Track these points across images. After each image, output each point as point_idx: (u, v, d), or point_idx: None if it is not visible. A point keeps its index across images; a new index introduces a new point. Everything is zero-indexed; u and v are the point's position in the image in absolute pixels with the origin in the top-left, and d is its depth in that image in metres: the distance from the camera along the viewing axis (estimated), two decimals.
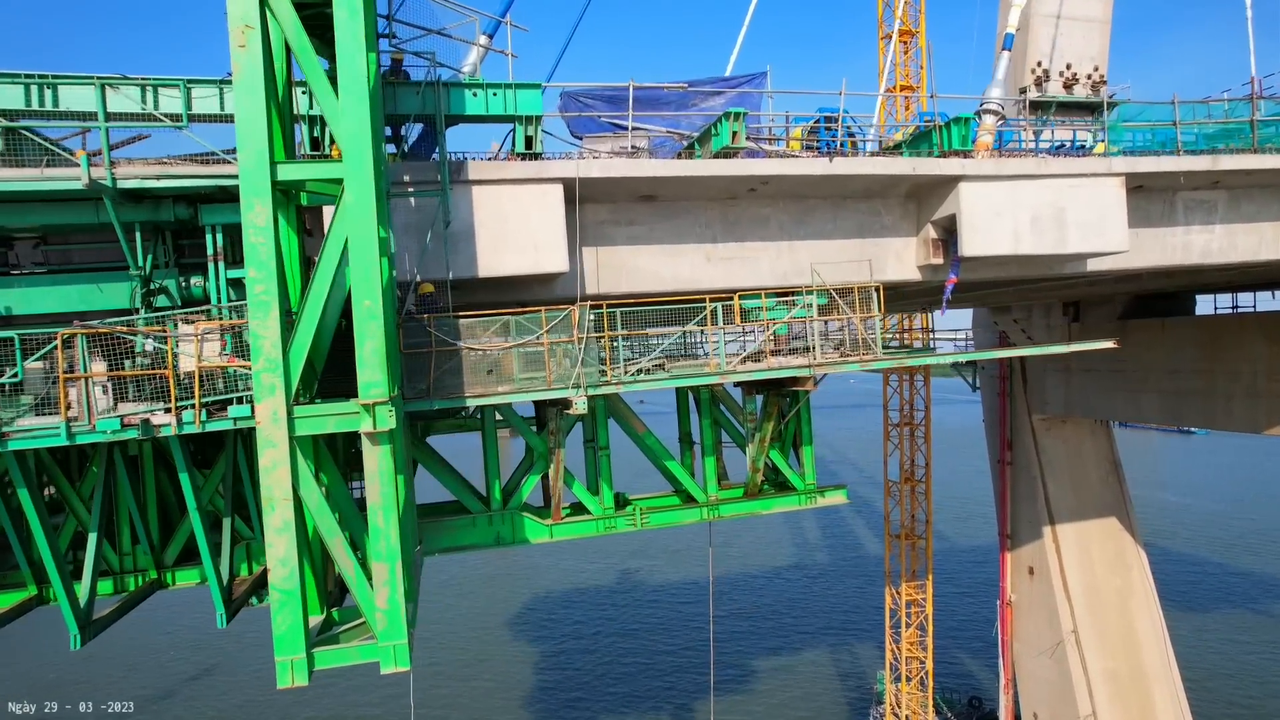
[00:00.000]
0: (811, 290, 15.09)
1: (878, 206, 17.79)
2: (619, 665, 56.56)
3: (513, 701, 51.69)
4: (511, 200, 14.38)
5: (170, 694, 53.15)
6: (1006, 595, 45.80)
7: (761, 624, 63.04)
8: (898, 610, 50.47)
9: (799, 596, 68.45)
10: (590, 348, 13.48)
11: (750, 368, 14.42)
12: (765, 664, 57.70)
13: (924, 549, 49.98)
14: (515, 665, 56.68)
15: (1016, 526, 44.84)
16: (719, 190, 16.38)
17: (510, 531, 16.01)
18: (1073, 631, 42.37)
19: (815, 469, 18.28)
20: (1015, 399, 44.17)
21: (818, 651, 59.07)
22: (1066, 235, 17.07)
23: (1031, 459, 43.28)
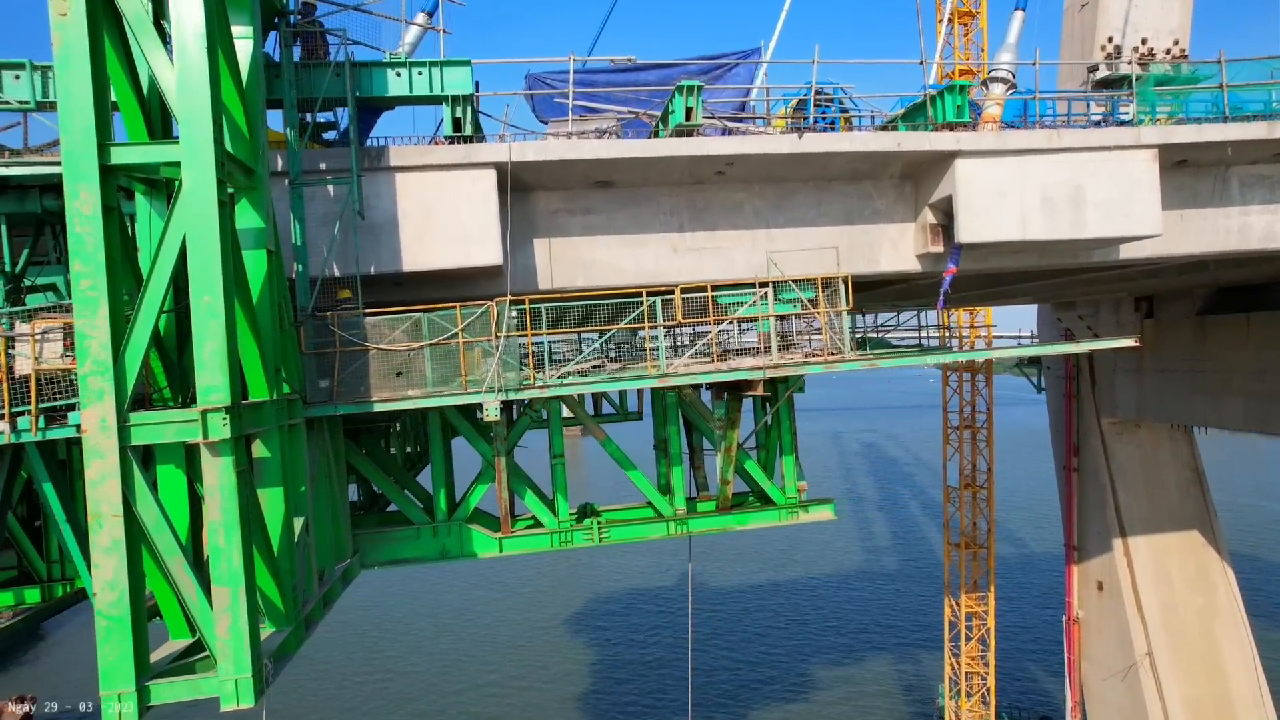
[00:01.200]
0: (767, 283, 13.36)
1: (868, 189, 15.87)
2: (665, 669, 55.11)
3: (554, 704, 50.86)
4: (438, 188, 13.17)
5: None
6: (1073, 611, 42.43)
7: (820, 630, 60.59)
8: (957, 622, 47.45)
9: (859, 603, 65.57)
10: (511, 348, 12.15)
11: (693, 370, 12.83)
12: (824, 673, 55.33)
13: (985, 558, 46.84)
14: (567, 666, 55.87)
15: (1084, 538, 41.48)
16: (682, 174, 14.81)
17: (457, 545, 14.83)
18: (1147, 654, 38.83)
19: (797, 479, 16.46)
20: (1082, 400, 40.86)
21: (877, 661, 56.32)
22: (1085, 218, 14.81)
23: (1100, 465, 39.89)
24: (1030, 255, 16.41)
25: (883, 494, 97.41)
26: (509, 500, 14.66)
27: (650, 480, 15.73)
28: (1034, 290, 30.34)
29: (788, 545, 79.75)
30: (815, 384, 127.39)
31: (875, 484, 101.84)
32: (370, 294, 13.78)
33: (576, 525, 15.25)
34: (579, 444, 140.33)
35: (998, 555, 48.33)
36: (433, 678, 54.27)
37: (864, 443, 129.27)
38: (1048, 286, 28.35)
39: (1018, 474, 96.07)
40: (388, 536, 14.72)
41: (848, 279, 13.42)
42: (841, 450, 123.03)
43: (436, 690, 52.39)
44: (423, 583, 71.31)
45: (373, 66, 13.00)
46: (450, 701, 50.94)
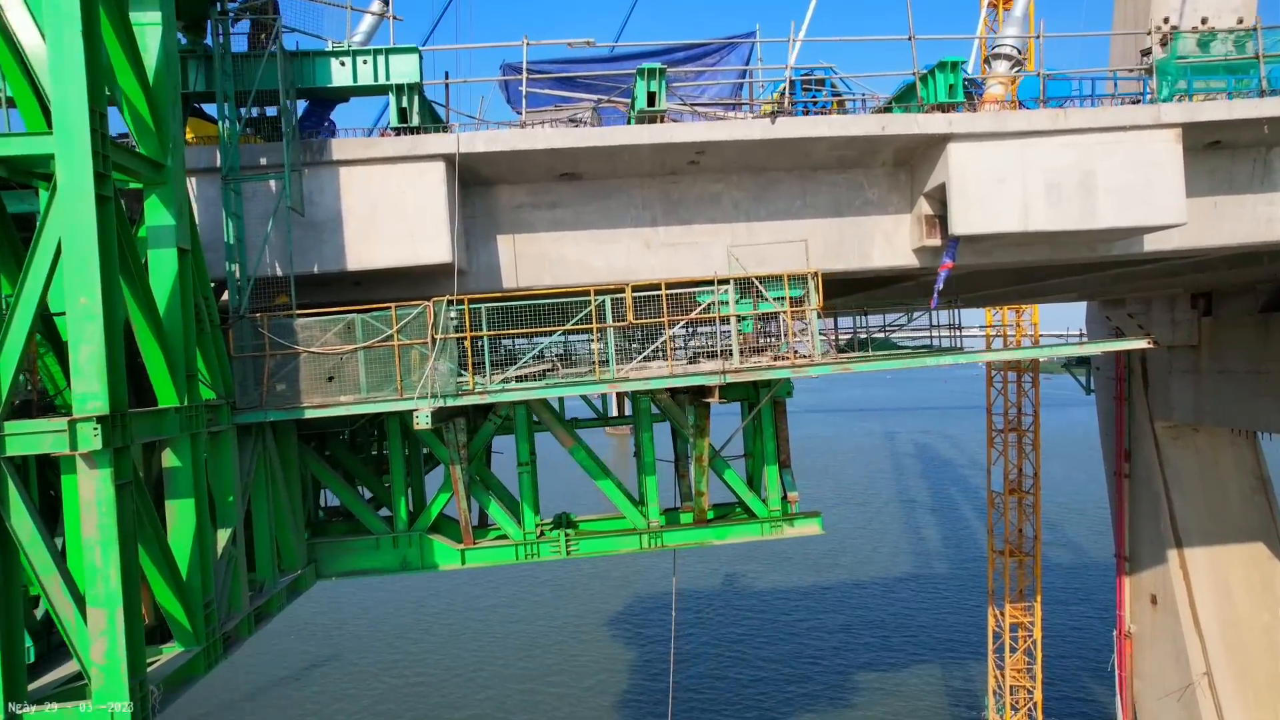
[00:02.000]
0: (728, 280, 12.25)
1: (858, 179, 14.62)
2: (705, 674, 54.00)
3: (593, 706, 50.18)
4: (383, 182, 12.44)
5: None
6: (1125, 625, 40.03)
7: (863, 635, 58.73)
8: (1001, 633, 45.26)
9: (903, 608, 63.38)
10: (448, 351, 11.34)
11: (644, 374, 11.82)
12: (865, 679, 53.56)
13: (1032, 567, 44.56)
14: (610, 670, 55.15)
15: (1136, 548, 39.07)
16: (652, 164, 13.81)
17: (418, 556, 14.11)
18: (1205, 674, 36.35)
19: (788, 490, 15.30)
20: (1134, 403, 38.49)
21: (921, 670, 54.24)
22: (1096, 206, 13.34)
23: (1154, 472, 37.48)
24: (1040, 248, 14.95)
25: (934, 496, 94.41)
26: (469, 510, 13.87)
27: (633, 490, 14.79)
28: (1074, 286, 28.42)
29: (832, 549, 77.76)
30: (865, 385, 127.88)
31: (927, 486, 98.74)
32: (326, 294, 13.16)
33: (543, 537, 14.39)
34: (626, 443, 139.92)
35: (1044, 564, 45.92)
36: (474, 677, 54.15)
37: (917, 444, 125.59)
38: (1088, 282, 26.45)
39: (1065, 479, 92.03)
40: (346, 547, 14.08)
41: (817, 274, 12.24)
42: (894, 452, 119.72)
43: (475, 688, 52.23)
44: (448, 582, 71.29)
45: (315, 56, 12.34)
46: (492, 699, 50.70)
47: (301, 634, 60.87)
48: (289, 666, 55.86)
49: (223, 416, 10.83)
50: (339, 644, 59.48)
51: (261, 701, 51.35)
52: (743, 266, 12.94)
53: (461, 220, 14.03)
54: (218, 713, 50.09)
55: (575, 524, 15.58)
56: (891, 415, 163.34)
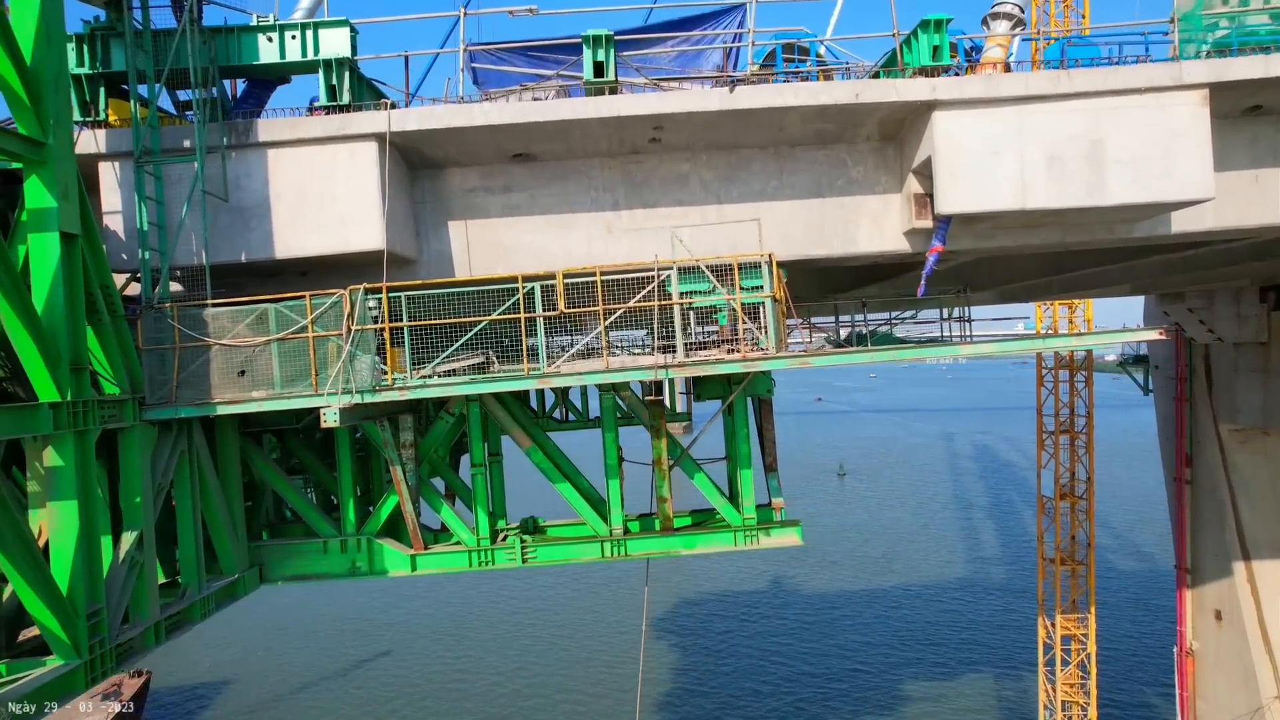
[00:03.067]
0: (672, 265, 11.01)
1: (841, 155, 13.22)
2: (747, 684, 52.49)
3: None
4: (312, 165, 11.60)
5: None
6: (1186, 642, 37.23)
7: (913, 644, 56.37)
8: (1052, 645, 42.66)
9: (956, 615, 60.66)
10: (365, 343, 10.42)
11: (580, 369, 10.69)
12: (912, 688, 51.31)
13: (1085, 576, 41.85)
14: (654, 675, 54.05)
15: (1199, 559, 36.29)
16: (609, 142, 12.68)
17: (367, 561, 13.26)
18: (1277, 698, 33.50)
19: (772, 496, 14.00)
20: (1197, 404, 35.76)
21: (970, 680, 51.66)
22: (1105, 180, 11.69)
23: (1219, 478, 34.73)
24: (1049, 230, 13.31)
25: (991, 499, 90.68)
26: (416, 514, 12.95)
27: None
28: (1118, 277, 26.15)
29: (884, 553, 75.24)
30: (925, 385, 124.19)
31: (984, 489, 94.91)
32: (277, 285, 12.40)
33: (499, 543, 13.40)
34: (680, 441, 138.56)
35: (1099, 573, 43.13)
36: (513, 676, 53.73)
37: (976, 445, 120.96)
38: (1133, 271, 24.28)
39: (1121, 484, 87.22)
40: (294, 550, 13.32)
41: (771, 258, 10.92)
42: (951, 453, 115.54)
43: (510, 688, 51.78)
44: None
45: (240, 31, 11.57)
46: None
47: (350, 631, 61.41)
48: (336, 663, 56.27)
49: (127, 413, 10.12)
50: (390, 641, 59.62)
51: (308, 699, 51.72)
52: (688, 250, 11.70)
53: (410, 206, 13.16)
54: (266, 706, 50.73)
55: (542, 529, 14.58)
56: (949, 416, 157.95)
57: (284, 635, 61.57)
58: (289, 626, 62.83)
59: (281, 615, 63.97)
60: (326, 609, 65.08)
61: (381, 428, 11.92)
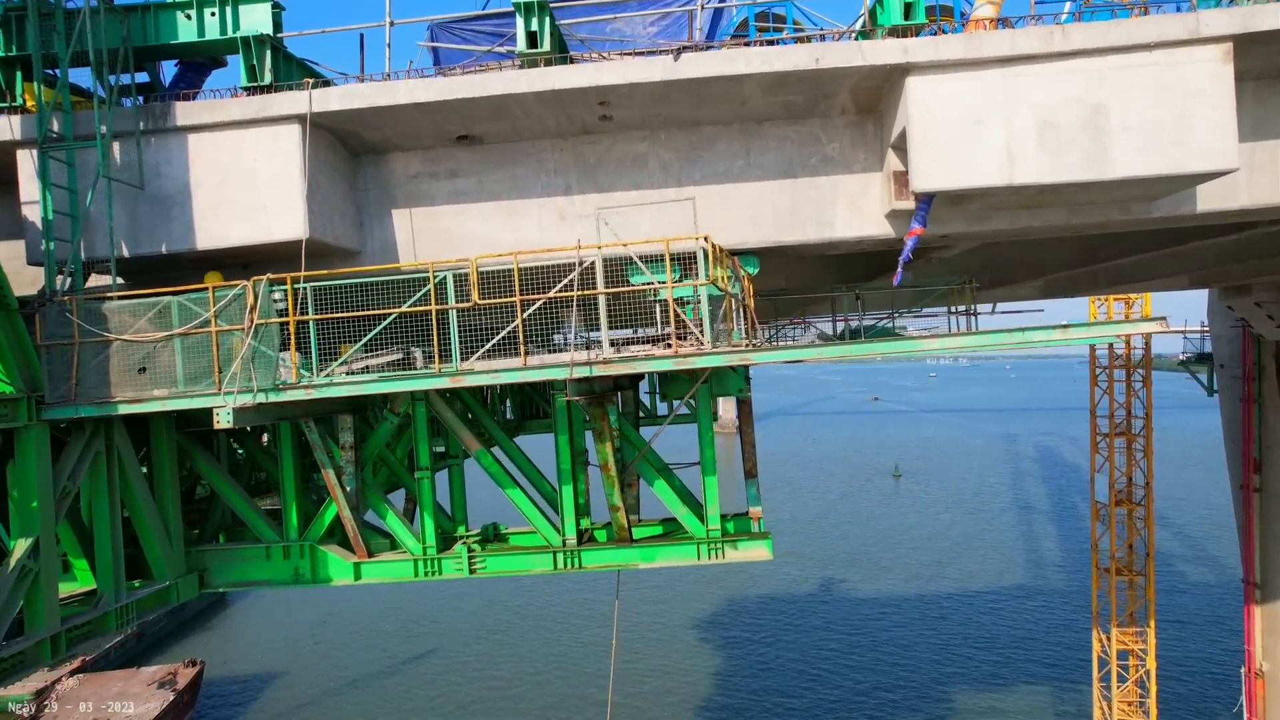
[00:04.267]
0: (600, 246, 9.87)
1: (814, 131, 11.89)
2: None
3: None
4: (234, 149, 10.85)
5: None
6: (1255, 662, 34.36)
7: (965, 652, 53.83)
8: (1108, 660, 39.97)
9: (1011, 625, 57.76)
10: (269, 338, 9.58)
11: (490, 368, 9.64)
12: (962, 699, 48.91)
13: (1144, 588, 39.08)
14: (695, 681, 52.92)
15: (1268, 573, 33.43)
16: (556, 120, 11.61)
17: (310, 568, 12.50)
18: None
19: (750, 504, 12.78)
20: (1265, 405, 32.96)
21: (1026, 693, 48.95)
22: (1108, 150, 10.13)
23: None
24: (1052, 211, 11.73)
25: (1053, 503, 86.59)
26: (355, 519, 12.11)
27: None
28: (1166, 268, 23.89)
29: (938, 558, 72.36)
30: (987, 385, 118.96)
31: (1046, 492, 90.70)
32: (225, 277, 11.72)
33: (446, 552, 12.48)
34: (732, 443, 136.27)
35: (1158, 584, 40.24)
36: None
37: (1039, 447, 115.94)
38: (1180, 260, 22.14)
39: (1183, 491, 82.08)
40: (237, 555, 12.64)
41: (707, 240, 9.66)
42: (1012, 454, 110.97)
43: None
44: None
45: (157, 9, 10.87)
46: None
47: (399, 627, 61.65)
48: (384, 659, 56.46)
49: (21, 412, 9.51)
50: (439, 639, 59.59)
51: (354, 694, 51.93)
52: (614, 234, 10.55)
53: (351, 195, 12.34)
54: (314, 700, 51.12)
55: (504, 537, 13.61)
56: (1011, 416, 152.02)
57: (334, 630, 62.17)
58: (339, 621, 63.42)
59: (332, 609, 64.63)
60: (376, 604, 65.60)
61: (308, 428, 11.11)
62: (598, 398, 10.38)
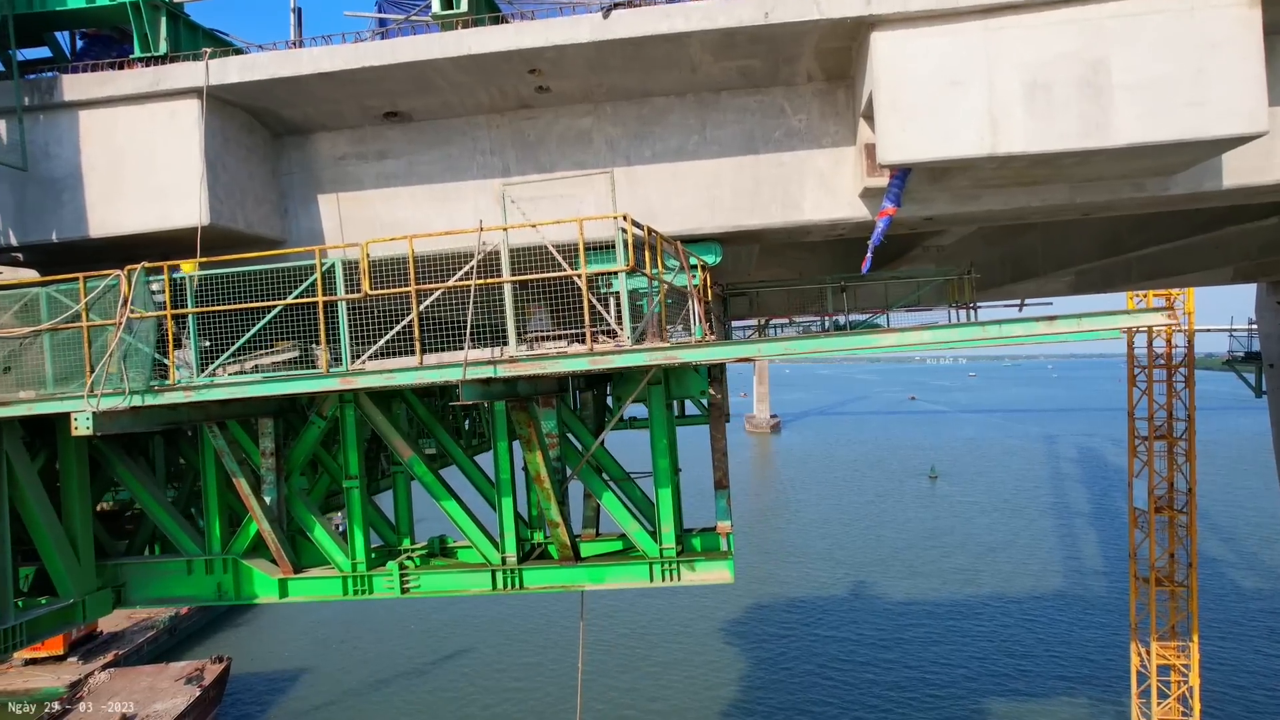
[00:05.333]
0: (505, 228, 8.55)
1: (778, 101, 10.44)
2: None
3: None
4: (129, 127, 9.79)
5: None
6: None
7: (999, 661, 51.47)
8: (1148, 674, 37.58)
9: (1048, 634, 55.15)
10: (144, 334, 8.48)
11: (379, 367, 8.40)
12: (996, 711, 46.71)
13: (1186, 599, 36.64)
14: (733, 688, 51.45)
15: None
16: (489, 93, 10.34)
17: (233, 584, 11.43)
18: None
19: (719, 518, 11.40)
20: None
21: (1062, 706, 46.56)
22: (1109, 113, 8.54)
23: None
24: (1051, 187, 10.13)
25: (1093, 506, 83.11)
26: (278, 533, 10.99)
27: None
28: (1214, 257, 21.79)
29: (972, 562, 69.72)
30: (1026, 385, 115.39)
31: (1086, 495, 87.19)
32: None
33: (377, 568, 11.31)
34: (767, 442, 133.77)
35: (1201, 596, 37.72)
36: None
37: (1080, 448, 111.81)
38: (1223, 249, 20.12)
39: (1228, 497, 77.87)
40: (157, 570, 11.62)
41: (627, 219, 8.28)
42: (1052, 456, 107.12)
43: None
44: None
45: None
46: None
47: (431, 627, 61.07)
48: (414, 659, 55.85)
49: None
50: (471, 639, 58.82)
51: (381, 694, 51.37)
52: (522, 213, 9.25)
53: (273, 179, 11.23)
54: (341, 699, 50.70)
55: (451, 551, 12.41)
56: (1052, 416, 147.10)
57: (363, 627, 61.81)
58: (369, 619, 63.03)
59: (363, 608, 64.28)
60: (407, 603, 65.11)
61: (213, 434, 10.01)
62: (520, 401, 9.09)
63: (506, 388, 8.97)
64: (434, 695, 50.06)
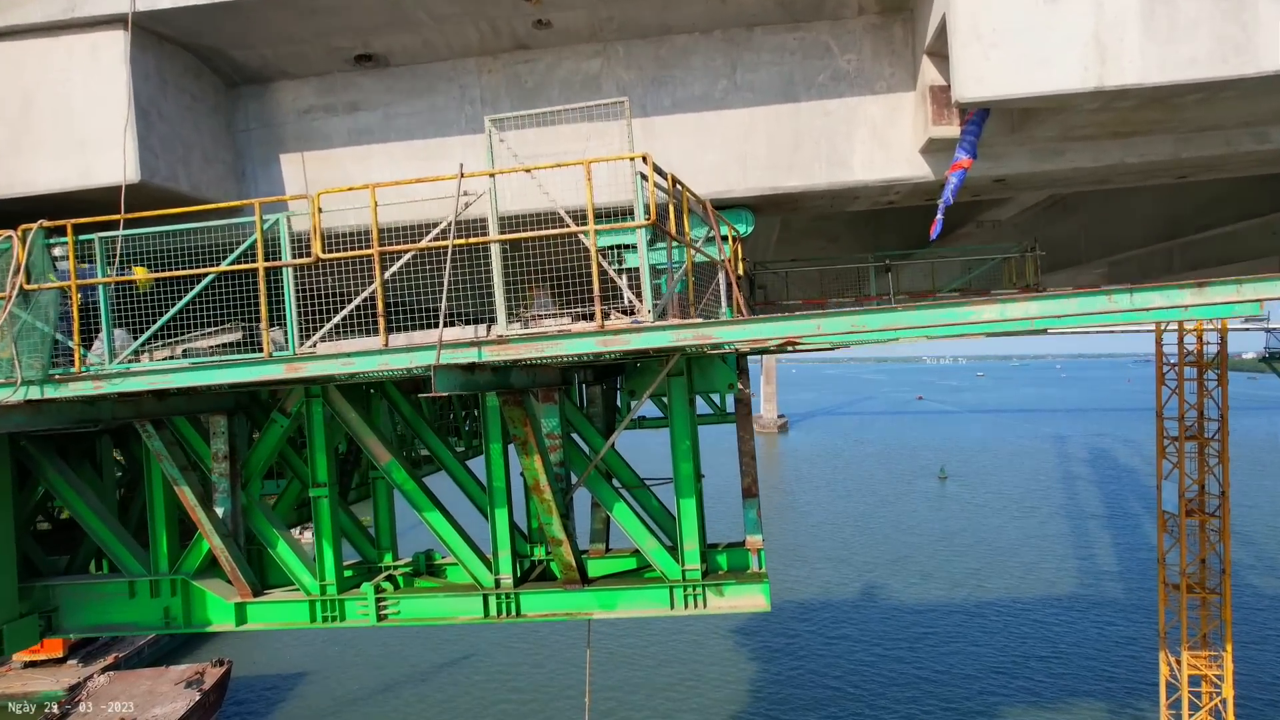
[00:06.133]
0: (492, 174, 6.77)
1: (822, 38, 8.64)
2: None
3: None
4: (39, 65, 8.04)
5: None
6: None
7: (1013, 670, 49.59)
8: (1178, 685, 35.64)
9: (1065, 640, 53.22)
10: (41, 309, 6.74)
11: (347, 349, 6.63)
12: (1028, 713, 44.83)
13: (1219, 608, 34.70)
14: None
15: None
16: (479, 30, 8.58)
17: (182, 609, 9.68)
18: None
19: (749, 532, 9.61)
20: None
21: (1087, 717, 44.67)
22: (1253, 30, 6.73)
23: None
24: (1156, 138, 8.31)
25: (1107, 508, 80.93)
26: (233, 551, 9.22)
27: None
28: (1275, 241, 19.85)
29: (983, 565, 67.76)
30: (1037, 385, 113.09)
31: (1100, 496, 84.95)
32: None
33: (351, 590, 9.54)
34: (775, 442, 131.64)
35: (1236, 604, 35.76)
36: None
37: (1091, 449, 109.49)
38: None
39: (1266, 501, 75.50)
40: (94, 592, 9.88)
41: (649, 161, 6.51)
42: (1063, 456, 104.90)
43: None
44: None
45: None
46: None
47: (427, 634, 59.32)
48: (417, 664, 54.15)
49: None
50: (474, 645, 57.07)
51: (382, 699, 49.70)
52: (514, 155, 7.46)
53: (228, 135, 9.47)
54: (342, 704, 49.07)
55: (438, 570, 10.63)
56: (1062, 416, 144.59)
57: (368, 629, 60.04)
58: None
59: None
60: None
61: (146, 433, 8.24)
62: (515, 395, 7.30)
63: (496, 377, 7.19)
64: (440, 700, 48.39)
